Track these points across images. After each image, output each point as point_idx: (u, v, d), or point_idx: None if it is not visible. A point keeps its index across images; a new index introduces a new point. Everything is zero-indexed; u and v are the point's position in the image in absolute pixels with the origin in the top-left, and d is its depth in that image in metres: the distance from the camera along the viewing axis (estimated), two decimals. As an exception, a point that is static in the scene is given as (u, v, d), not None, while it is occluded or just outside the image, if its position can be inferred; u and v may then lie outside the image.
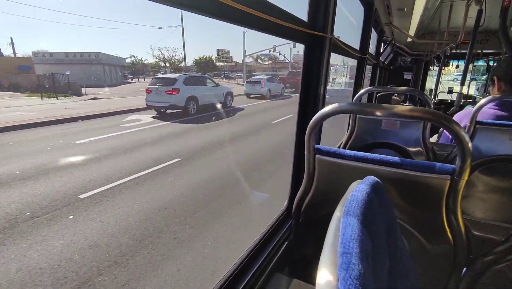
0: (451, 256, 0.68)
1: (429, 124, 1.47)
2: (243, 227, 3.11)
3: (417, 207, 0.68)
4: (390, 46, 4.27)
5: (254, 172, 4.50)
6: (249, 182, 4.07)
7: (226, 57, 33.20)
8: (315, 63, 1.18)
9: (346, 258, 0.31)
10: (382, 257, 0.45)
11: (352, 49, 1.72)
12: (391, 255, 0.49)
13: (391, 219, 0.53)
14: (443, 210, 0.65)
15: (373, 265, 0.36)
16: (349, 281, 0.28)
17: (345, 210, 0.40)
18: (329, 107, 0.68)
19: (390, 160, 0.67)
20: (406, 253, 0.56)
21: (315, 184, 0.81)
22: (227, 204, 3.53)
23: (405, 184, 0.67)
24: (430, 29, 4.23)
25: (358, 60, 2.20)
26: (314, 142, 0.76)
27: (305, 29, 1.02)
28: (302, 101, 1.21)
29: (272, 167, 4.71)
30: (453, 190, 0.62)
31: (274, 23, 0.82)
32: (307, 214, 0.86)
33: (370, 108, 0.66)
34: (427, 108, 0.81)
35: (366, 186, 0.48)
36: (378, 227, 0.46)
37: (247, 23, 0.73)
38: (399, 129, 1.51)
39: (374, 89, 1.78)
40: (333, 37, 1.20)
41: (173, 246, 2.73)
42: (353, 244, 0.33)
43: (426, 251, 0.71)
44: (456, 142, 0.58)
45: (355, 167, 0.71)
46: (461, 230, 0.66)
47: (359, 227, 0.37)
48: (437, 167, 0.63)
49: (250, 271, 0.91)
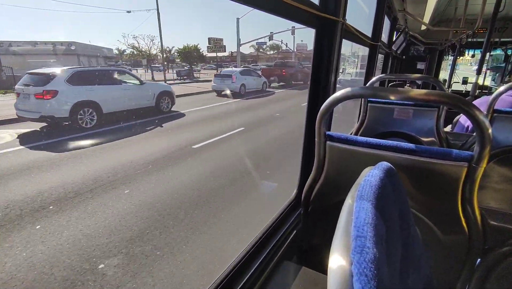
0: (465, 246, 0.66)
1: (443, 113, 1.42)
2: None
3: (431, 196, 0.66)
4: (403, 34, 4.14)
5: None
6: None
7: (219, 47, 28.48)
8: (326, 49, 1.13)
9: (360, 242, 0.30)
10: (395, 243, 0.44)
11: (364, 36, 1.66)
12: (404, 242, 0.48)
13: (404, 205, 0.52)
14: (459, 198, 0.63)
15: (386, 250, 0.36)
16: (363, 264, 0.27)
17: (358, 194, 0.40)
18: (341, 92, 0.66)
19: (404, 146, 0.65)
20: (418, 240, 0.54)
21: (325, 171, 0.79)
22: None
23: (419, 172, 0.64)
24: (445, 16, 4.08)
25: (370, 48, 2.13)
26: (325, 129, 0.74)
27: (316, 11, 0.98)
28: (312, 88, 1.18)
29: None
30: (470, 177, 0.60)
31: (284, 3, 0.78)
32: (316, 202, 0.84)
33: (384, 92, 0.63)
34: (444, 92, 0.80)
35: (379, 171, 0.47)
36: (392, 212, 0.44)
37: (256, 2, 0.70)
38: (412, 118, 1.46)
39: (386, 77, 1.72)
40: (345, 22, 1.15)
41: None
42: (367, 227, 0.32)
43: (439, 241, 0.69)
44: (475, 128, 0.55)
45: (367, 153, 0.69)
46: (477, 219, 0.63)
47: (373, 211, 0.36)
48: (454, 154, 0.60)
49: (258, 258, 0.91)
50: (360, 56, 22.12)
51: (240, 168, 4.35)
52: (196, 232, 2.68)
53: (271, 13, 0.78)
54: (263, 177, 4.03)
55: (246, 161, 4.69)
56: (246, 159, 4.83)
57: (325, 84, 1.18)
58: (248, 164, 4.53)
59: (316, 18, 1.03)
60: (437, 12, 3.44)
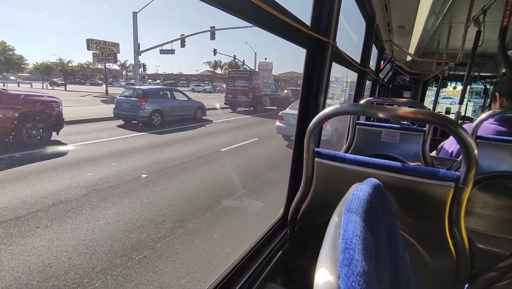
0: (453, 271, 0.65)
1: (429, 138, 1.46)
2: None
3: (419, 217, 0.65)
4: (390, 63, 4.31)
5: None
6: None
7: (107, 55, 19.62)
8: (316, 70, 1.15)
9: (349, 254, 0.29)
10: (384, 261, 0.42)
11: (353, 61, 1.71)
12: (393, 262, 0.46)
13: (393, 224, 0.51)
14: (446, 220, 0.62)
15: (375, 266, 0.34)
16: (352, 277, 0.26)
17: (346, 208, 0.38)
18: (330, 108, 0.66)
19: (392, 164, 0.64)
20: (407, 262, 0.53)
21: (313, 189, 0.77)
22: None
23: (406, 191, 0.63)
24: (429, 49, 4.27)
25: (358, 74, 2.19)
26: (314, 145, 0.73)
27: (308, 31, 0.99)
28: (302, 106, 1.19)
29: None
30: (457, 198, 0.59)
31: (277, 19, 0.77)
32: (304, 221, 0.81)
33: (372, 109, 0.62)
34: (432, 111, 0.80)
35: (367, 187, 0.47)
36: (380, 229, 0.43)
37: (247, 15, 0.68)
38: (399, 142, 1.49)
39: (374, 100, 1.77)
40: (335, 45, 1.18)
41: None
42: (356, 240, 0.31)
43: (427, 265, 0.67)
44: (461, 148, 0.55)
45: (355, 171, 0.68)
46: (465, 243, 0.62)
47: (362, 224, 0.35)
48: (441, 174, 0.60)
49: (241, 279, 0.86)
50: (349, 82, 22.59)
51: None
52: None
53: (264, 29, 0.77)
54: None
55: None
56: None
57: (314, 103, 1.19)
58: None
59: (307, 38, 1.03)
60: (422, 45, 3.56)
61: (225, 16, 3.14)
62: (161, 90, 11.13)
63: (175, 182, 4.62)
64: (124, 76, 50.90)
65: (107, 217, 3.31)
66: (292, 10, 0.86)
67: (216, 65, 52.21)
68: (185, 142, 7.71)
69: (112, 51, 20.08)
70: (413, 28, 2.73)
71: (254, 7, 0.68)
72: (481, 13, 1.84)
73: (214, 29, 18.90)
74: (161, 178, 4.76)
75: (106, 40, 19.89)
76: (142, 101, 9.42)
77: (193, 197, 4.05)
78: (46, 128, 6.27)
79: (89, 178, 4.45)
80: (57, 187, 4.03)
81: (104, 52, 19.82)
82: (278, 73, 61.13)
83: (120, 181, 4.46)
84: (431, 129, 1.46)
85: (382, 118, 0.62)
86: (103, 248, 2.74)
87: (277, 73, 59.61)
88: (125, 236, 2.97)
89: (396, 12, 2.31)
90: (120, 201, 3.76)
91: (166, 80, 50.66)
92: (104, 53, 19.87)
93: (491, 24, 2.19)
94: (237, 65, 43.18)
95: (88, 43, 18.95)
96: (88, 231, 3.01)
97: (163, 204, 3.78)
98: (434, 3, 1.92)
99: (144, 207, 3.64)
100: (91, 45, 19.05)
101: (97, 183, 4.27)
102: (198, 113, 11.73)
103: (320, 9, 1.11)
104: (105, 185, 4.25)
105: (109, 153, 5.95)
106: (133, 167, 5.19)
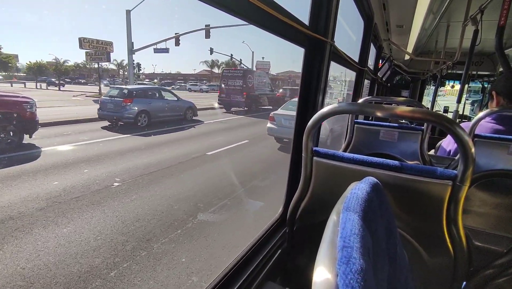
0: (450, 269, 0.66)
1: (427, 137, 1.45)
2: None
3: (417, 215, 0.66)
4: (388, 62, 4.29)
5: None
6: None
7: (100, 54, 19.14)
8: (314, 69, 1.15)
9: (347, 252, 0.29)
10: (382, 259, 0.43)
11: (351, 60, 1.70)
12: (391, 260, 0.47)
13: (391, 222, 0.51)
14: (444, 218, 0.62)
15: (373, 264, 0.34)
16: (349, 275, 0.26)
17: (344, 206, 0.39)
18: (328, 107, 0.66)
19: (390, 163, 0.65)
20: (405, 260, 0.54)
21: (311, 188, 0.78)
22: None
23: (404, 189, 0.64)
24: (427, 48, 4.24)
25: (357, 73, 2.17)
26: (312, 144, 0.74)
27: (306, 30, 0.99)
28: (300, 106, 1.19)
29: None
30: (454, 197, 0.60)
31: (275, 19, 0.78)
32: (302, 220, 0.82)
33: (370, 108, 0.63)
34: (429, 110, 0.75)
35: (366, 185, 0.47)
36: (378, 228, 0.44)
37: (245, 14, 0.68)
38: (397, 141, 1.49)
39: (372, 99, 1.74)
40: (333, 44, 1.18)
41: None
42: (354, 238, 0.31)
43: (425, 263, 0.68)
44: (459, 147, 0.56)
45: (354, 170, 0.69)
46: (462, 241, 0.63)
47: (360, 223, 0.35)
48: (439, 172, 0.61)
49: (240, 278, 0.87)
50: (347, 82, 22.04)
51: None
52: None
53: (262, 28, 0.78)
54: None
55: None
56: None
57: (313, 102, 1.20)
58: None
59: (306, 37, 1.04)
60: (420, 44, 3.54)
61: (225, 16, 3.25)
62: (148, 90, 10.62)
63: (150, 191, 4.19)
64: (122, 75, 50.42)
65: (60, 237, 2.87)
66: (290, 9, 0.87)
67: (213, 65, 51.91)
68: (170, 145, 7.25)
69: (105, 50, 19.81)
70: (411, 27, 2.74)
71: (252, 6, 0.69)
72: (478, 12, 1.86)
73: (209, 27, 18.67)
74: (134, 186, 4.32)
75: (99, 39, 19.66)
76: (127, 101, 8.96)
77: (166, 210, 3.63)
78: (17, 131, 5.87)
79: (53, 188, 4.01)
80: (13, 199, 3.58)
81: (97, 51, 19.47)
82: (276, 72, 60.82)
83: (87, 190, 4.02)
84: (429, 128, 1.47)
85: (380, 117, 0.62)
86: (44, 278, 2.30)
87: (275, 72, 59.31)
88: (75, 261, 2.53)
89: (394, 11, 2.31)
90: (80, 215, 3.32)
91: (164, 80, 50.38)
92: (97, 52, 19.52)
93: (489, 23, 2.17)
94: (234, 64, 42.69)
95: (81, 42, 18.97)
96: (32, 255, 2.57)
97: (130, 218, 3.35)
98: (432, 2, 1.92)
99: (107, 223, 3.20)
100: (83, 44, 18.79)
101: (60, 194, 3.83)
102: (189, 113, 11.25)
103: (318, 9, 1.11)
104: (70, 195, 3.81)
105: (84, 158, 5.50)
106: (107, 173, 4.76)
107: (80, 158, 5.46)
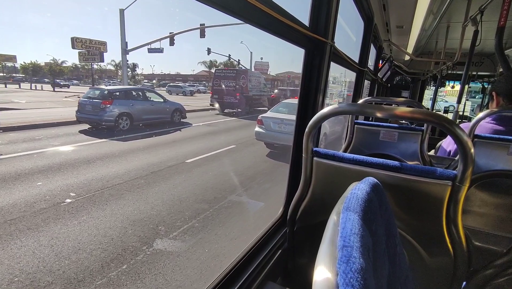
0: (450, 269, 0.66)
1: (427, 137, 1.44)
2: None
3: (417, 215, 0.66)
4: (388, 63, 4.25)
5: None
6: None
7: (93, 54, 18.70)
8: (315, 70, 1.16)
9: (347, 251, 0.29)
10: (382, 258, 0.43)
11: (351, 60, 1.71)
12: (391, 260, 0.47)
13: (391, 222, 0.51)
14: (443, 219, 0.62)
15: (373, 263, 0.34)
16: (349, 274, 0.26)
17: (344, 206, 0.39)
18: (328, 108, 0.67)
19: (390, 163, 0.65)
20: (405, 260, 0.54)
21: (312, 188, 0.78)
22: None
23: (404, 189, 0.64)
24: (427, 48, 4.21)
25: (357, 73, 2.16)
26: (313, 145, 0.74)
27: (306, 31, 1.00)
28: (301, 106, 1.19)
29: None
30: (454, 197, 0.60)
31: (275, 20, 0.80)
32: (303, 221, 0.82)
33: (370, 109, 0.63)
34: (429, 111, 0.71)
35: (366, 186, 0.47)
36: (378, 228, 0.44)
37: (245, 15, 0.69)
38: (397, 141, 1.49)
39: (372, 99, 1.75)
40: (333, 45, 1.18)
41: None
42: (354, 238, 0.32)
43: (425, 263, 0.68)
44: (458, 147, 0.56)
45: (354, 170, 0.69)
46: (462, 241, 0.63)
47: (360, 222, 0.35)
48: (438, 172, 0.61)
49: (241, 278, 0.88)
50: (347, 82, 21.30)
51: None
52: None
53: (262, 29, 0.79)
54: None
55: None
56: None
57: (313, 102, 1.19)
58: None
59: (305, 38, 1.04)
60: (420, 44, 3.54)
61: (225, 17, 2.90)
62: (130, 91, 9.94)
63: (105, 210, 3.57)
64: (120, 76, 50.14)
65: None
66: (290, 10, 0.88)
67: (211, 65, 51.52)
68: (148, 151, 6.63)
69: (99, 50, 19.25)
70: (411, 28, 2.75)
71: (252, 7, 0.69)
72: (478, 13, 1.87)
73: (204, 27, 18.18)
74: (89, 204, 3.70)
75: (92, 39, 19.21)
76: (106, 103, 8.32)
77: (118, 235, 3.02)
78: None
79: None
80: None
81: (90, 51, 18.90)
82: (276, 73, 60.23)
83: (29, 210, 3.41)
84: (429, 128, 1.46)
85: (380, 118, 0.61)
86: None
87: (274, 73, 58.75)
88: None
89: (394, 12, 2.31)
90: (6, 246, 2.71)
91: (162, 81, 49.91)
92: (90, 52, 18.92)
93: (488, 24, 2.20)
94: (233, 64, 42.31)
95: (73, 41, 18.39)
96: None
97: (69, 248, 2.74)
98: (432, 3, 1.92)
99: (35, 257, 2.59)
100: (76, 43, 18.26)
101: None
102: (176, 116, 10.62)
103: (318, 9, 1.11)
104: (4, 217, 3.20)
105: (43, 167, 4.89)
106: (62, 187, 4.14)
107: (38, 168, 4.84)
